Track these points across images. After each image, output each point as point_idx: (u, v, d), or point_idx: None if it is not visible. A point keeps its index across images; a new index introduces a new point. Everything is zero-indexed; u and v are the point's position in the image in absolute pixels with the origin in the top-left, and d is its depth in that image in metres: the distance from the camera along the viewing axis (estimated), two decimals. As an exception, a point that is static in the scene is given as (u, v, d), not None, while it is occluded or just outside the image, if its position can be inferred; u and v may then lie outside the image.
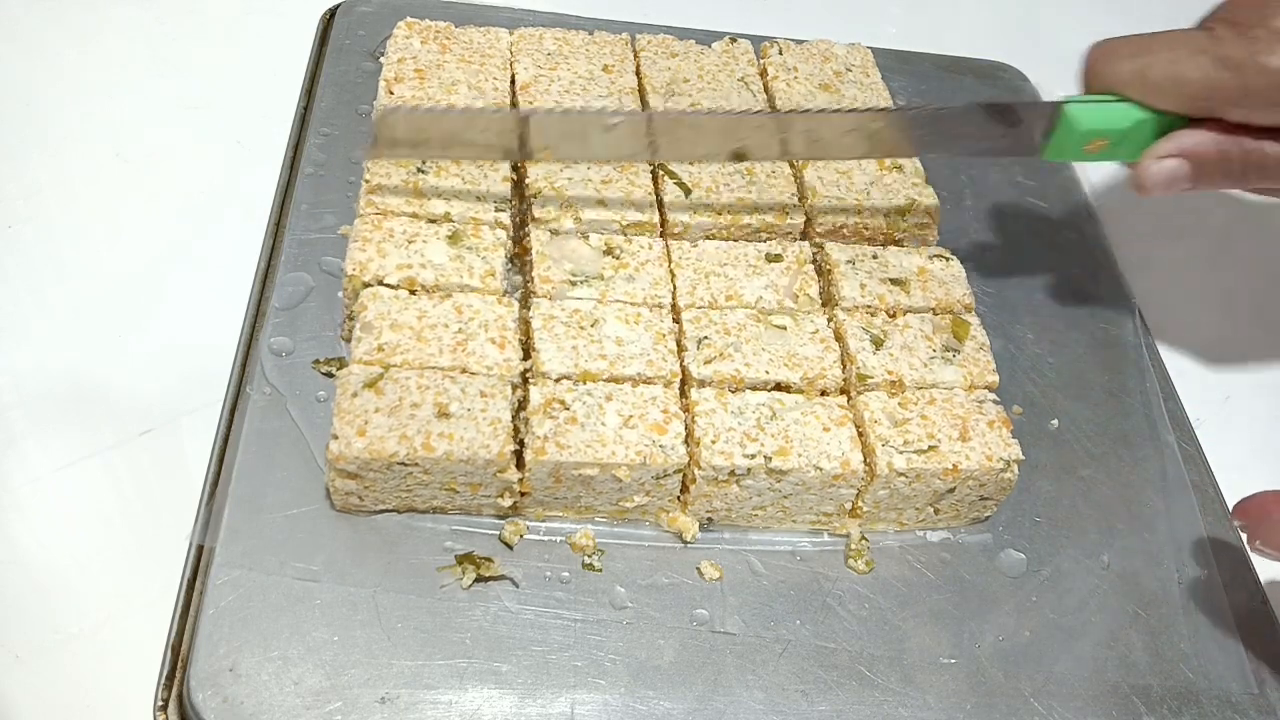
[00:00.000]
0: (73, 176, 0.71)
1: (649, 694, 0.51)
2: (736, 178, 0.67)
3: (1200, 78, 0.56)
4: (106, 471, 0.57)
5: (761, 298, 0.62)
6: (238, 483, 0.54)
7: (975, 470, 0.56)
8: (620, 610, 0.54)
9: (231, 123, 0.76)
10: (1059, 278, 0.75)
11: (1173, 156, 0.59)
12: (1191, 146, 0.58)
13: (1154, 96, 0.58)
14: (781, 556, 0.57)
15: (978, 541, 0.60)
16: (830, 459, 0.55)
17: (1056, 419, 0.66)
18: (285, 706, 0.48)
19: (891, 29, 0.96)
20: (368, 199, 0.61)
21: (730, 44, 0.77)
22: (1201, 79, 0.56)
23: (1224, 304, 0.80)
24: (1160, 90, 0.58)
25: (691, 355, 0.58)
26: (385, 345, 0.55)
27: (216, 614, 0.50)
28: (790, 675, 0.53)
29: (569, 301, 0.59)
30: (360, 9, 0.80)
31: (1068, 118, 0.59)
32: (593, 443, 0.53)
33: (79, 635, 0.52)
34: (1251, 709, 0.56)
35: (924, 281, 0.64)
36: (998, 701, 0.54)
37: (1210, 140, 0.58)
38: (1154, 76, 0.58)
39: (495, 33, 0.74)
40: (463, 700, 0.49)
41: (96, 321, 0.64)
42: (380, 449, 0.51)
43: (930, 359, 0.61)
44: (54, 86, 0.76)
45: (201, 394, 0.59)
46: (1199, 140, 0.58)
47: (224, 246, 0.67)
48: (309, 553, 0.52)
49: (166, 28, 0.82)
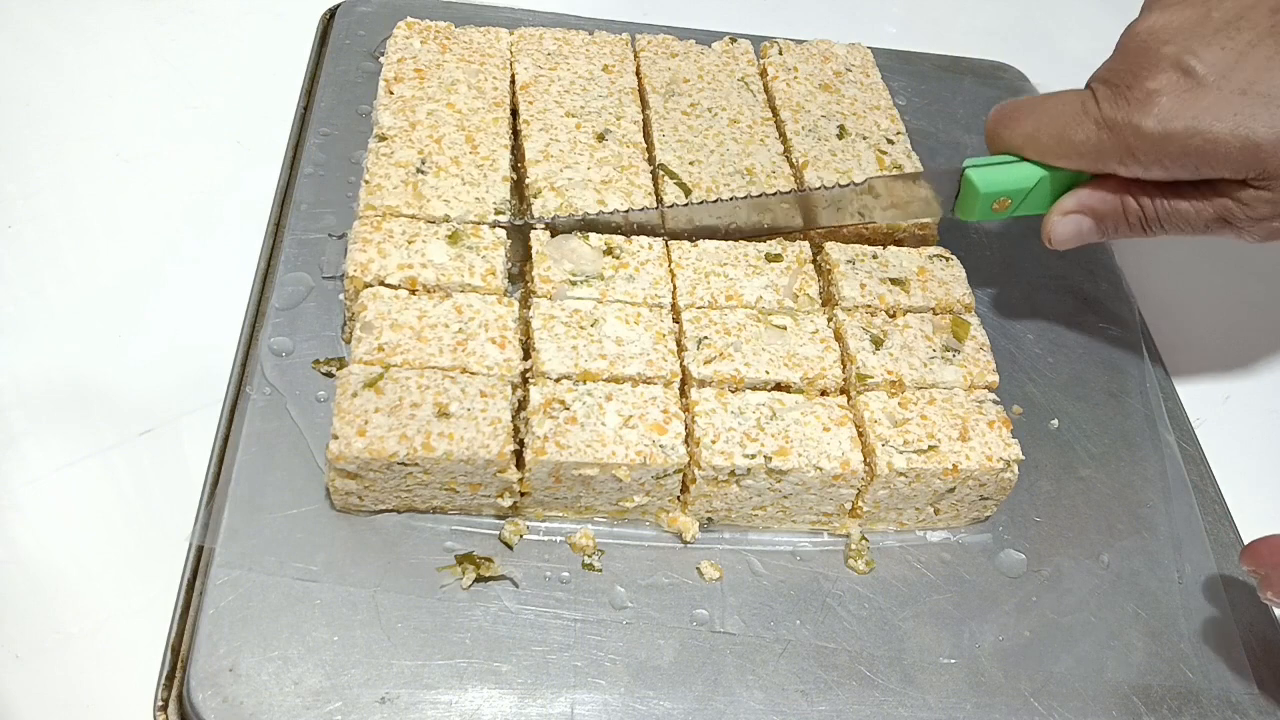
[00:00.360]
0: (73, 176, 0.71)
1: (649, 694, 0.51)
2: (737, 178, 0.67)
3: (1084, 139, 0.58)
4: (106, 471, 0.57)
5: (761, 298, 0.62)
6: (237, 483, 0.54)
7: (975, 470, 0.56)
8: (620, 610, 0.54)
9: (231, 123, 0.76)
10: (1059, 278, 0.75)
11: (1076, 213, 0.61)
12: (1093, 204, 0.61)
13: (1048, 157, 0.60)
14: (781, 556, 0.57)
15: (978, 541, 0.60)
16: (830, 459, 0.55)
17: (1056, 419, 0.66)
18: (285, 706, 0.48)
19: (891, 29, 0.96)
20: (367, 201, 0.61)
21: (730, 44, 0.77)
22: (1085, 140, 0.58)
23: (1224, 304, 0.80)
24: (1053, 152, 0.60)
25: (691, 355, 0.58)
26: (385, 345, 0.55)
27: (216, 614, 0.50)
28: (790, 675, 0.53)
29: (569, 301, 0.59)
30: (360, 9, 0.80)
31: (969, 182, 0.62)
32: (593, 443, 0.53)
33: (79, 635, 0.52)
34: (1251, 709, 0.56)
35: (924, 281, 0.64)
36: (998, 701, 0.54)
37: (1110, 197, 0.60)
38: (1044, 140, 0.60)
39: (495, 33, 0.74)
40: (463, 700, 0.49)
41: (96, 321, 0.64)
42: (380, 449, 0.51)
43: (930, 359, 0.61)
44: (54, 86, 0.76)
45: (201, 394, 0.59)
46: (1100, 197, 0.60)
47: (224, 246, 0.67)
48: (309, 553, 0.52)
49: (166, 28, 0.82)
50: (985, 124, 0.63)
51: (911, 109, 0.83)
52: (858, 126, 0.72)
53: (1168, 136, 0.55)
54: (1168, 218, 0.59)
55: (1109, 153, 0.58)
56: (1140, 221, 0.60)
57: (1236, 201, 0.57)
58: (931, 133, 0.82)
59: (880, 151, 0.70)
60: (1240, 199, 0.57)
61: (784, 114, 0.72)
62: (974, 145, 0.82)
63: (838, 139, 0.71)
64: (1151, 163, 0.57)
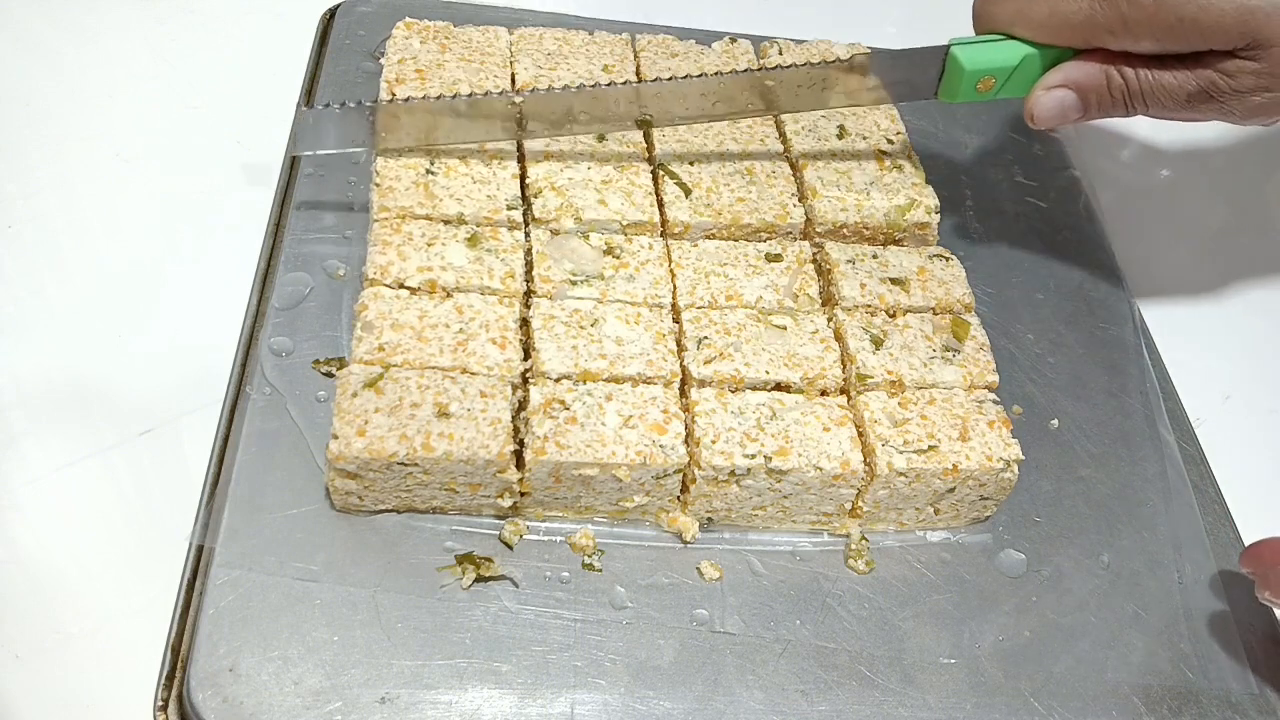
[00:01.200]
0: (73, 176, 0.71)
1: (649, 694, 0.51)
2: (736, 178, 0.67)
3: (1077, 10, 0.58)
4: (106, 471, 0.57)
5: (761, 297, 0.62)
6: (237, 483, 0.54)
7: (975, 470, 0.56)
8: (620, 610, 0.54)
9: (231, 123, 0.76)
10: (1059, 278, 0.75)
11: (1060, 87, 0.61)
12: (1078, 77, 0.61)
13: (1037, 32, 0.61)
14: (781, 556, 0.57)
15: (978, 541, 0.60)
16: (830, 459, 0.55)
17: (1056, 419, 0.66)
18: (285, 706, 0.48)
19: (891, 29, 0.96)
20: (380, 203, 0.61)
21: (730, 44, 0.77)
22: (1078, 12, 0.58)
23: (1224, 303, 0.80)
24: (1043, 26, 0.60)
25: (691, 355, 0.58)
26: (386, 345, 0.55)
27: (216, 614, 0.50)
28: (790, 675, 0.53)
29: (569, 301, 0.59)
30: (360, 9, 0.80)
31: (954, 59, 0.62)
32: (593, 443, 0.53)
33: (79, 635, 0.52)
34: (1251, 709, 0.56)
35: (924, 281, 0.64)
36: (998, 701, 0.54)
37: (1096, 70, 0.60)
38: (1035, 14, 0.60)
39: (495, 32, 0.74)
40: (463, 700, 0.49)
41: (96, 321, 0.64)
42: (380, 449, 0.51)
43: (930, 359, 0.61)
44: (54, 86, 0.76)
45: (201, 394, 0.59)
46: (1085, 71, 0.61)
47: (224, 246, 0.67)
48: (309, 553, 0.52)
49: (166, 28, 0.82)
50: (973, 3, 0.64)
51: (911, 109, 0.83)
52: (858, 126, 0.72)
53: (1161, 5, 0.56)
54: (1151, 92, 0.60)
55: (1101, 24, 0.58)
56: (1124, 96, 0.61)
57: (1221, 74, 0.58)
58: (932, 133, 0.82)
59: (880, 151, 0.70)
60: (1225, 70, 0.58)
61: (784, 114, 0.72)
62: (974, 145, 0.82)
63: (838, 139, 0.71)
64: (1144, 34, 0.57)
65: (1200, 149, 0.91)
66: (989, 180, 0.80)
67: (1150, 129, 0.90)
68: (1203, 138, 0.91)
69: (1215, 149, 0.91)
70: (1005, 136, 0.84)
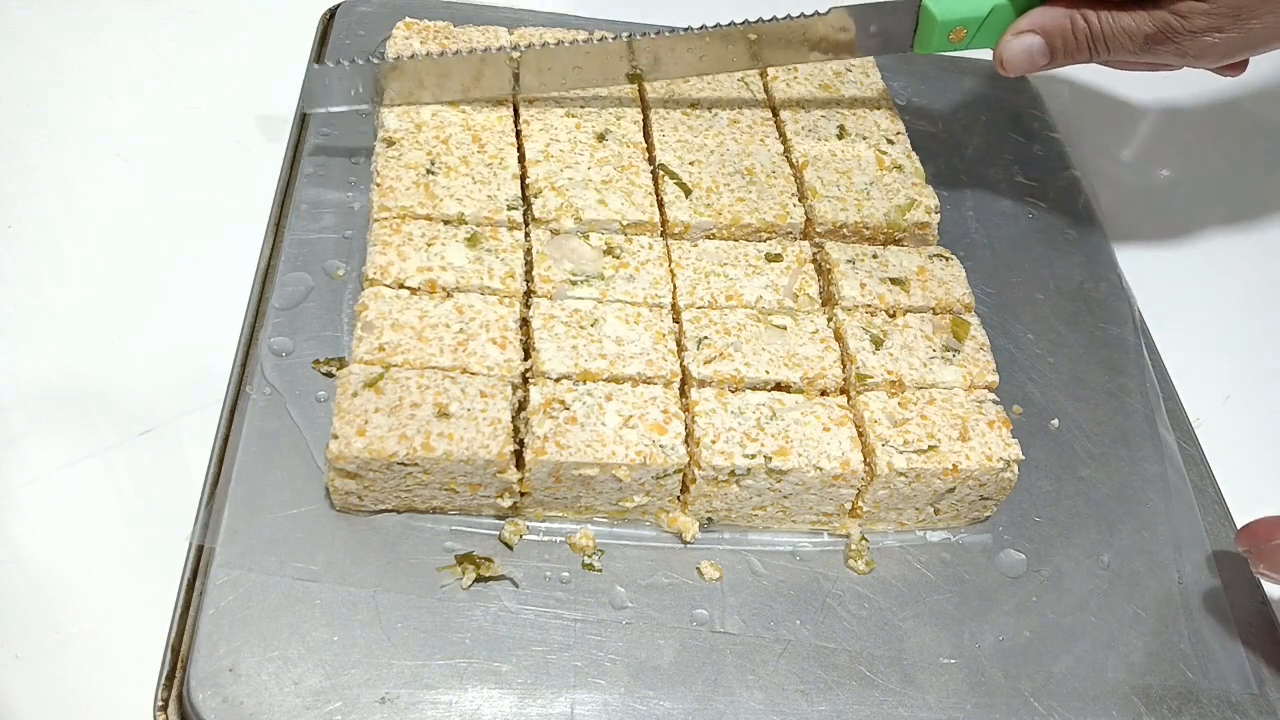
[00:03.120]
0: (73, 176, 0.71)
1: (649, 694, 0.51)
2: (737, 178, 0.67)
3: None
4: (106, 471, 0.57)
5: (761, 297, 0.62)
6: (237, 483, 0.54)
7: (975, 470, 0.56)
8: (620, 610, 0.54)
9: (231, 123, 0.76)
10: (1059, 278, 0.75)
11: (1028, 32, 0.64)
12: (1044, 21, 0.64)
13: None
14: (781, 556, 0.57)
15: (978, 541, 0.60)
16: (830, 459, 0.55)
17: (1056, 419, 0.66)
18: (285, 706, 0.48)
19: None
20: (381, 203, 0.61)
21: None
22: None
23: (1224, 304, 0.80)
24: None
25: (691, 355, 0.58)
26: (386, 345, 0.55)
27: (216, 614, 0.50)
28: (790, 675, 0.53)
29: (569, 301, 0.59)
30: (360, 9, 0.80)
31: (927, 10, 0.66)
32: (593, 443, 0.53)
33: (79, 635, 0.52)
34: (1251, 709, 0.56)
35: (924, 281, 0.64)
36: (998, 701, 0.54)
37: (1060, 14, 0.63)
38: None
39: (495, 32, 0.74)
40: (463, 700, 0.49)
41: (96, 321, 0.64)
42: (380, 449, 0.51)
43: (930, 359, 0.61)
44: (54, 86, 0.76)
45: (201, 394, 0.59)
46: (1050, 14, 0.64)
47: (224, 246, 0.67)
48: (309, 553, 0.52)
49: (166, 28, 0.82)
50: None
51: (911, 109, 0.83)
52: (858, 126, 0.72)
53: None
54: (1112, 34, 0.62)
55: None
56: (1087, 40, 0.63)
57: (1176, 14, 0.61)
58: (931, 133, 0.82)
59: (880, 151, 0.70)
60: (1179, 11, 0.61)
61: (784, 114, 0.72)
62: (974, 145, 0.82)
63: (838, 139, 0.71)
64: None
65: (1200, 149, 0.91)
66: (989, 180, 0.80)
67: (1151, 129, 0.90)
68: (1203, 138, 0.91)
69: (1215, 149, 0.91)
70: (1005, 136, 0.84)
